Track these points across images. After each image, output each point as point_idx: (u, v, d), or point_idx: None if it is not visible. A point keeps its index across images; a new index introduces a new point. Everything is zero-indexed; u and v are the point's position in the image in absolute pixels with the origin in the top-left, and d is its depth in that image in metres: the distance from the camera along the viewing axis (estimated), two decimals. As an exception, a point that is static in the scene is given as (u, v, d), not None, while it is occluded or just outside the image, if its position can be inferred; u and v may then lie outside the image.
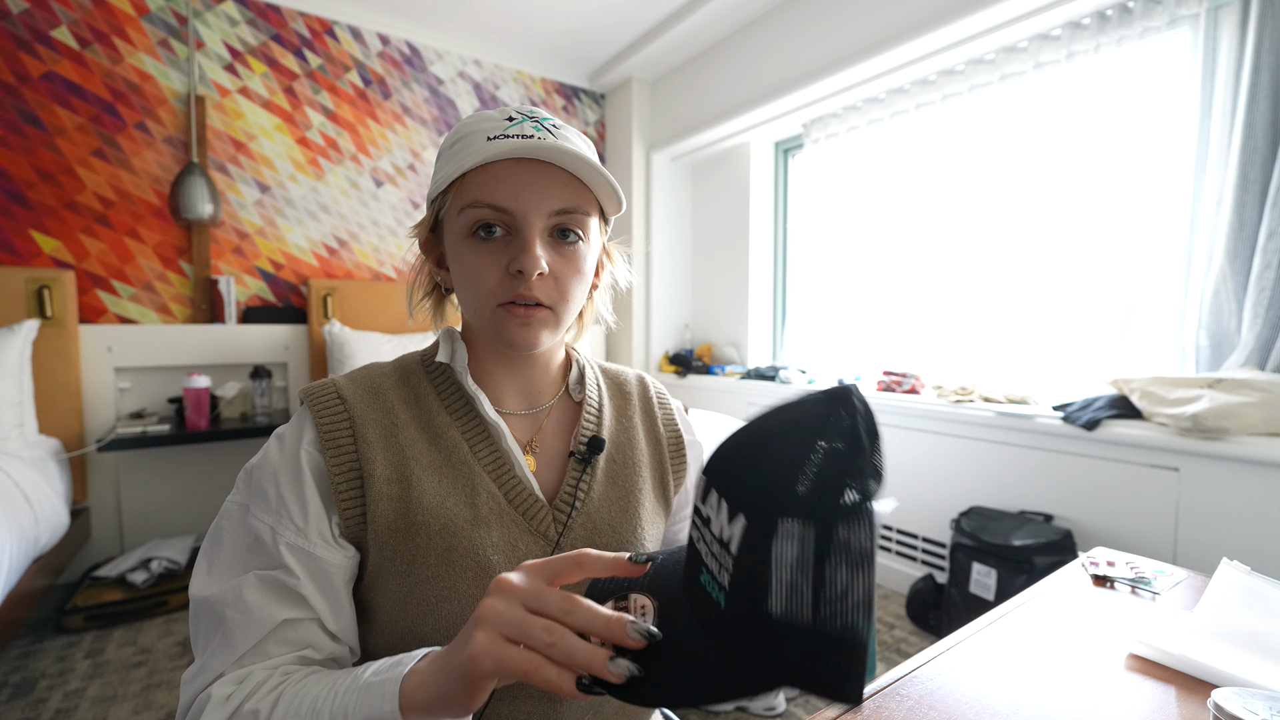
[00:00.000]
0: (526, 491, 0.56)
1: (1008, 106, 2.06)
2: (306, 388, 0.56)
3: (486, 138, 0.52)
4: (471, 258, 0.53)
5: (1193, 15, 1.64)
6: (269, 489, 0.51)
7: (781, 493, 0.31)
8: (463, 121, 0.56)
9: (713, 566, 0.34)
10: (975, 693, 0.55)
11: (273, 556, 0.49)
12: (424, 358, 0.62)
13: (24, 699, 1.52)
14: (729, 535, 0.33)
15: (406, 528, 0.52)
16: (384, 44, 2.83)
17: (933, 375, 2.28)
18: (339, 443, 0.52)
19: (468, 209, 0.52)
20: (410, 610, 0.52)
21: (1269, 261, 1.48)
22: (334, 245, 2.74)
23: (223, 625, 0.47)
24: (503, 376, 0.61)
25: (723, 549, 0.33)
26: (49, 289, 2.08)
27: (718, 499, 0.34)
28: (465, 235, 0.53)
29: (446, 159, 0.55)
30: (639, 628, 0.34)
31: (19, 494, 1.65)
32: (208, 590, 0.48)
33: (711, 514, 0.35)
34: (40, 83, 2.15)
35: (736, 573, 0.32)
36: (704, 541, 0.35)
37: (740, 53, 2.75)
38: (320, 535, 0.50)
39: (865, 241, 2.56)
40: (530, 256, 0.51)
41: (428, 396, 0.58)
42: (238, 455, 2.47)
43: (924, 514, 2.10)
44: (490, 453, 0.56)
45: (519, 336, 0.54)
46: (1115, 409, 1.63)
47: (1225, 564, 0.68)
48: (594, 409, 0.64)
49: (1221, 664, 0.55)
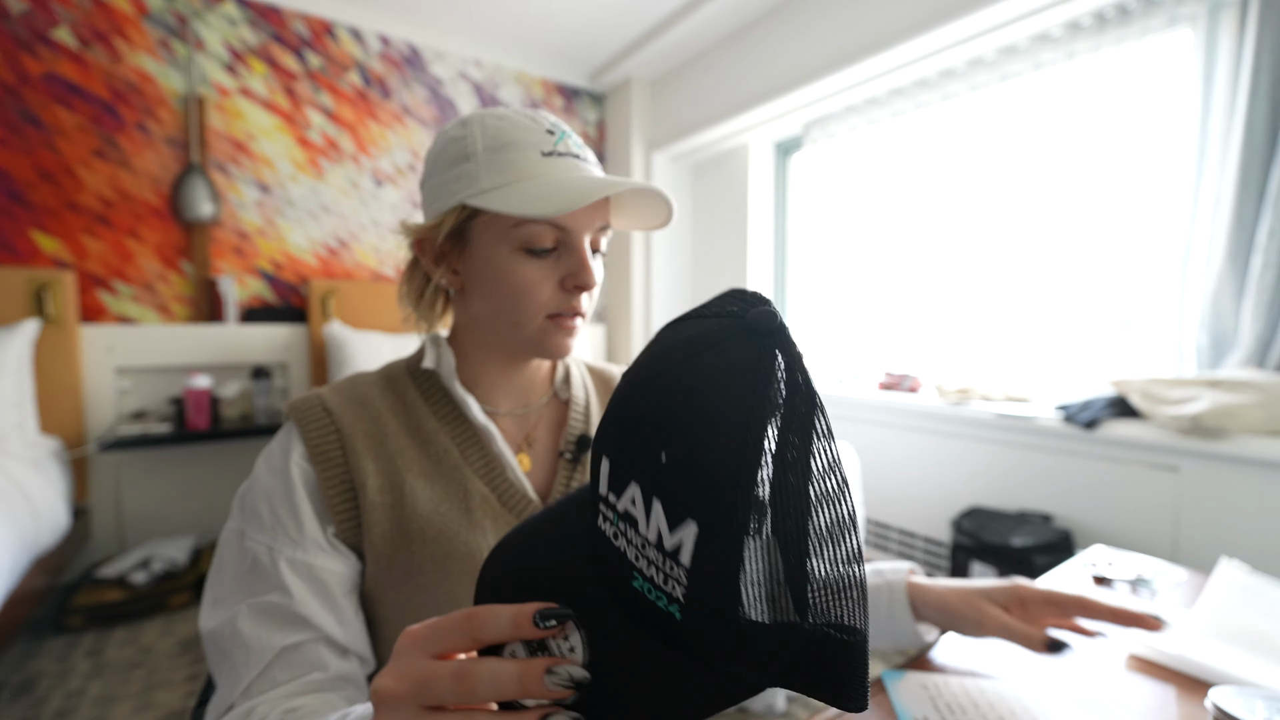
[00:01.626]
0: (519, 493, 0.56)
1: (1008, 106, 2.06)
2: (291, 402, 0.56)
3: (540, 152, 0.52)
4: (525, 272, 0.53)
5: (1192, 15, 1.64)
6: (262, 508, 0.51)
7: (740, 493, 0.25)
8: (491, 125, 0.53)
9: (652, 575, 0.27)
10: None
11: (270, 577, 0.49)
12: (410, 364, 0.62)
13: (24, 699, 1.52)
14: (674, 544, 0.26)
15: (402, 536, 0.51)
16: (384, 44, 2.83)
17: (932, 375, 2.28)
18: (328, 455, 0.52)
19: (527, 224, 0.51)
20: (409, 618, 0.51)
21: (1268, 261, 1.48)
22: (334, 245, 2.74)
23: (227, 658, 0.47)
24: (496, 379, 0.61)
25: (667, 558, 0.27)
26: (49, 289, 2.08)
27: (642, 495, 0.27)
28: (517, 249, 0.53)
29: (490, 165, 0.52)
30: (558, 678, 0.27)
31: (19, 494, 1.65)
32: (210, 624, 0.49)
33: (636, 513, 0.28)
34: (40, 83, 2.15)
35: (693, 585, 0.26)
36: (630, 543, 0.28)
37: (740, 53, 2.75)
38: (317, 544, 0.50)
39: (865, 241, 2.56)
40: (589, 273, 0.53)
41: (415, 403, 0.58)
42: (238, 455, 2.47)
43: (924, 514, 2.10)
44: (481, 456, 0.57)
45: (563, 346, 0.56)
46: (1115, 409, 1.63)
47: (1225, 563, 0.68)
48: (580, 408, 0.65)
49: (1221, 663, 0.55)
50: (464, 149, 0.53)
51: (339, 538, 0.51)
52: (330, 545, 0.51)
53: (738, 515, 0.25)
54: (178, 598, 1.99)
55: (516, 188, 0.50)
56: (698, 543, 0.26)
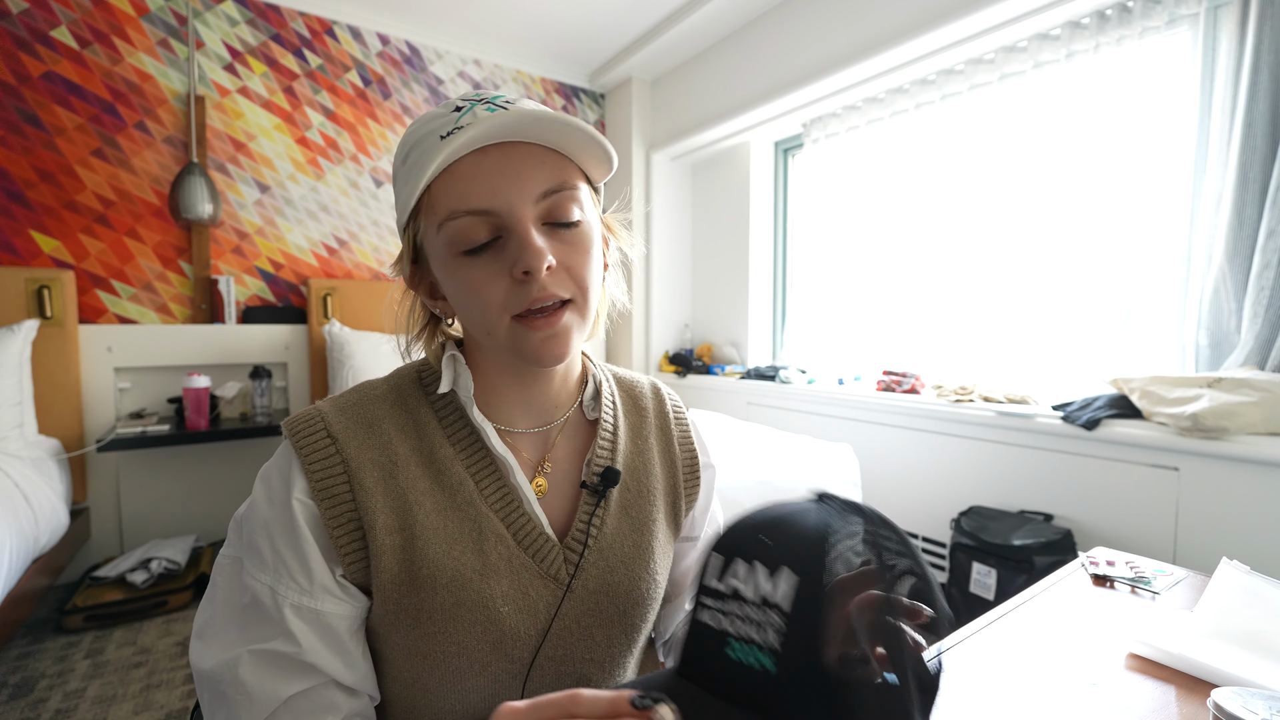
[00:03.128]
0: (536, 531, 0.52)
1: (1007, 106, 2.06)
2: (290, 422, 0.50)
3: (439, 137, 0.45)
4: (467, 275, 0.47)
5: (1192, 15, 1.64)
6: (263, 545, 0.47)
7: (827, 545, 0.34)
8: (409, 130, 0.49)
9: (750, 633, 0.33)
10: (975, 692, 0.54)
11: (274, 622, 0.45)
12: (422, 374, 0.56)
13: (24, 699, 1.52)
14: (774, 593, 0.33)
15: (411, 581, 0.48)
16: (384, 44, 2.83)
17: (933, 375, 2.27)
18: (333, 491, 0.47)
19: (445, 223, 0.46)
20: (416, 663, 0.50)
21: (1268, 261, 1.48)
22: (334, 245, 2.74)
23: (225, 703, 0.44)
24: (513, 395, 0.55)
25: (767, 610, 0.33)
26: (49, 289, 2.08)
27: (746, 567, 0.35)
28: (452, 253, 0.47)
29: (404, 177, 0.48)
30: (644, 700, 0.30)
31: (19, 494, 1.65)
32: (205, 663, 0.45)
33: (738, 584, 0.35)
34: (40, 83, 2.15)
35: (792, 628, 0.32)
36: (729, 615, 0.35)
37: (740, 52, 2.75)
38: (325, 589, 0.47)
39: (865, 241, 2.56)
40: (532, 250, 0.45)
41: (428, 425, 0.52)
42: (237, 455, 2.47)
43: (924, 514, 2.10)
44: (498, 489, 0.52)
45: (546, 351, 0.48)
46: (1115, 409, 1.63)
47: (1225, 564, 0.68)
48: (609, 433, 0.59)
49: (1221, 664, 0.55)
50: (395, 167, 0.51)
51: (347, 578, 0.48)
52: (339, 588, 0.47)
53: (826, 563, 0.33)
54: (177, 598, 1.99)
55: (422, 186, 0.45)
56: (797, 586, 0.33)
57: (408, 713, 0.52)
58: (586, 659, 0.54)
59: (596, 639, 0.54)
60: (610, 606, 0.54)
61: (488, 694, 0.51)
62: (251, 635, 0.45)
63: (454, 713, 0.51)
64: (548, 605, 0.52)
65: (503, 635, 0.49)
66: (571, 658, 0.53)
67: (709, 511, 0.69)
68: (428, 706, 0.51)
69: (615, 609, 0.55)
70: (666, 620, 0.70)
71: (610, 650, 0.55)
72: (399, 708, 0.52)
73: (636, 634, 0.58)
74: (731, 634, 0.34)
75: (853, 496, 1.71)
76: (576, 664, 0.54)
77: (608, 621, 0.54)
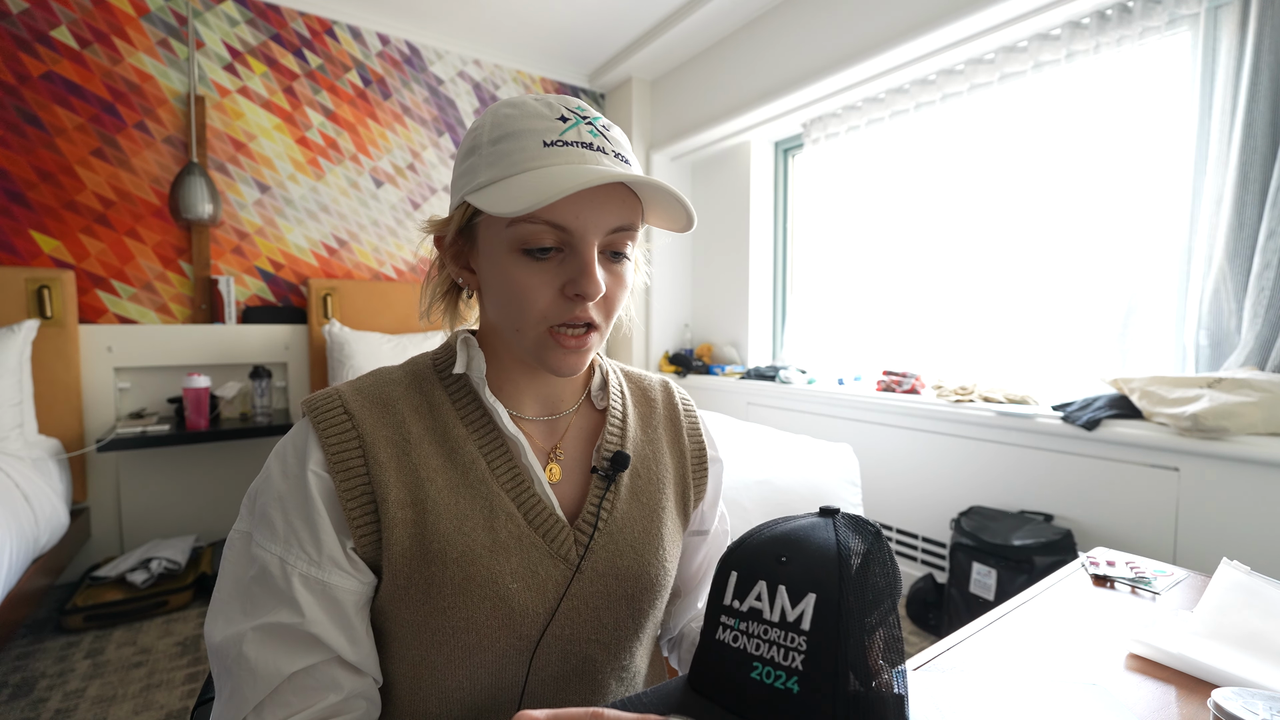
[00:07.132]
0: (547, 511, 0.53)
1: (1007, 106, 2.06)
2: (310, 400, 0.52)
3: (543, 142, 0.47)
4: (521, 276, 0.48)
5: (1192, 15, 1.64)
6: (275, 516, 0.48)
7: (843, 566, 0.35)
8: (502, 113, 0.50)
9: (772, 656, 0.34)
10: (975, 692, 0.54)
11: (280, 592, 0.46)
12: (436, 361, 0.58)
13: (24, 699, 1.52)
14: (796, 615, 0.34)
15: (422, 555, 0.49)
16: (384, 44, 2.83)
17: (933, 375, 2.27)
18: (349, 464, 0.49)
19: (521, 223, 0.47)
20: (425, 639, 0.50)
21: (1269, 261, 1.48)
22: (334, 245, 2.74)
23: (230, 677, 0.45)
24: (525, 384, 0.57)
25: (789, 632, 0.34)
26: (49, 289, 2.08)
27: (768, 588, 0.36)
28: (513, 250, 0.48)
29: (490, 157, 0.48)
30: None
31: (19, 494, 1.65)
32: (215, 636, 0.46)
33: (760, 605, 0.36)
34: (40, 83, 2.15)
35: (814, 649, 0.33)
36: (751, 636, 0.36)
37: (740, 53, 2.75)
38: (334, 562, 0.47)
39: (865, 241, 2.56)
40: (592, 281, 0.47)
41: (442, 405, 0.54)
42: (237, 455, 2.47)
43: (924, 514, 2.10)
44: (509, 469, 0.53)
45: (566, 365, 0.51)
46: (1115, 409, 1.63)
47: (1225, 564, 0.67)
48: (618, 419, 0.61)
49: (1221, 664, 0.55)
50: (474, 140, 0.50)
51: (357, 552, 0.49)
52: (348, 561, 0.48)
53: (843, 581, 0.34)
54: (177, 598, 1.99)
55: (509, 182, 0.46)
56: (817, 606, 0.34)
57: (413, 692, 0.52)
58: (593, 640, 0.55)
59: (604, 621, 0.55)
60: (619, 589, 0.55)
61: (494, 670, 0.52)
62: (258, 607, 0.46)
63: (460, 690, 0.52)
64: (557, 585, 0.52)
65: (511, 612, 0.50)
66: (578, 638, 0.54)
67: (717, 506, 0.70)
68: (434, 684, 0.51)
69: (624, 592, 0.56)
70: (674, 617, 0.70)
71: (617, 633, 0.56)
72: (404, 688, 0.52)
73: (644, 619, 0.58)
74: (754, 655, 0.35)
75: (853, 497, 1.72)
76: (582, 644, 0.54)
77: (616, 604, 0.55)
